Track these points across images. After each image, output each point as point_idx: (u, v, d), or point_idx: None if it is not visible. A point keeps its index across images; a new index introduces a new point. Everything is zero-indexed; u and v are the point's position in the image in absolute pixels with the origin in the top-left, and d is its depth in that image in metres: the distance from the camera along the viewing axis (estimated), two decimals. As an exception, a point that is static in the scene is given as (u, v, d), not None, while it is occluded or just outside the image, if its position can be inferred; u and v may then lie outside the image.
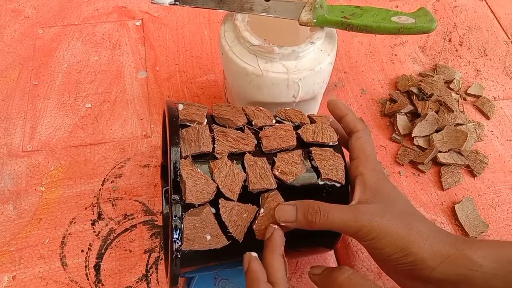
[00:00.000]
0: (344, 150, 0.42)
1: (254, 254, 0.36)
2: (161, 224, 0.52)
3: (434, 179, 0.57)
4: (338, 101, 0.43)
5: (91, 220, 0.52)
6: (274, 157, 0.39)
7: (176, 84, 0.65)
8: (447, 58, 0.70)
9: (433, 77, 0.65)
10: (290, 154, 0.39)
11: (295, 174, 0.38)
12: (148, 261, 0.50)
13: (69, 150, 0.58)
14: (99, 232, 0.51)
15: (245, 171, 0.37)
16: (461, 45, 0.73)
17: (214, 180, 0.36)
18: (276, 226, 0.36)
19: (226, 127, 0.40)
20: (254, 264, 0.35)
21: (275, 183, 0.38)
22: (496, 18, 0.77)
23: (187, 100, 0.64)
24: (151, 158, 0.57)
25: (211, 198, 0.36)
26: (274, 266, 0.34)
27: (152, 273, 0.49)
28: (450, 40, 0.73)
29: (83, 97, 0.63)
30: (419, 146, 0.59)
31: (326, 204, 0.36)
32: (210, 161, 0.37)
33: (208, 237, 0.35)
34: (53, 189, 0.54)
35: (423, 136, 0.59)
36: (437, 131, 0.59)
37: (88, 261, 0.50)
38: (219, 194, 0.36)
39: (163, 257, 0.50)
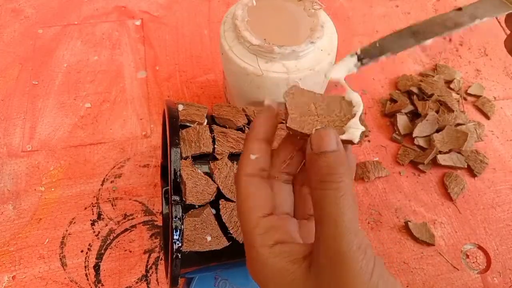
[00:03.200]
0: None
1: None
2: (161, 224, 0.51)
3: (434, 179, 0.57)
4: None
5: (90, 220, 0.52)
6: (274, 158, 0.38)
7: (176, 84, 0.65)
8: (448, 58, 0.70)
9: (434, 77, 0.65)
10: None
11: None
12: (148, 261, 0.50)
13: (68, 150, 0.58)
14: (99, 232, 0.51)
15: (245, 172, 0.37)
16: (461, 45, 0.72)
17: (214, 181, 0.36)
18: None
19: (226, 127, 0.40)
20: (260, 114, 0.29)
21: None
22: (496, 18, 0.77)
23: (187, 100, 0.64)
24: (151, 158, 0.57)
25: (211, 199, 0.36)
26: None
27: (152, 273, 0.49)
28: (450, 40, 0.73)
29: (82, 97, 0.63)
30: (419, 146, 0.59)
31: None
32: (210, 161, 0.37)
33: (209, 238, 0.35)
34: (53, 189, 0.54)
35: (423, 136, 0.59)
36: (437, 131, 0.59)
37: (88, 261, 0.49)
38: (219, 195, 0.36)
39: (163, 258, 0.50)
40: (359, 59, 0.31)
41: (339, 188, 0.23)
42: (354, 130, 0.26)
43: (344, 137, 0.26)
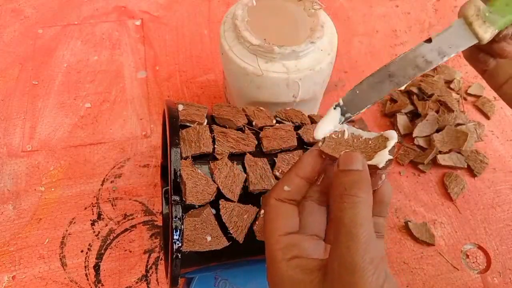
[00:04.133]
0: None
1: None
2: (161, 224, 0.51)
3: (434, 179, 0.57)
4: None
5: (90, 220, 0.52)
6: (274, 158, 0.39)
7: (176, 84, 0.65)
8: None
9: (434, 77, 0.65)
10: (290, 155, 0.39)
11: None
12: (148, 261, 0.50)
13: (68, 150, 0.58)
14: (99, 232, 0.51)
15: (245, 172, 0.37)
16: (461, 45, 0.72)
17: (214, 181, 0.36)
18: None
19: (226, 127, 0.40)
20: (306, 154, 0.30)
21: None
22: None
23: (187, 100, 0.64)
24: (151, 158, 0.57)
25: (211, 199, 0.36)
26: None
27: (152, 273, 0.49)
28: (450, 40, 0.73)
29: (82, 97, 0.63)
30: (419, 146, 0.59)
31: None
32: (210, 161, 0.37)
33: (209, 238, 0.35)
34: (53, 189, 0.54)
35: (423, 136, 0.59)
36: (437, 131, 0.59)
37: (88, 261, 0.49)
38: (219, 195, 0.36)
39: (163, 258, 0.50)
40: (342, 112, 0.33)
41: (358, 203, 0.25)
42: (382, 157, 0.28)
43: (370, 162, 0.28)
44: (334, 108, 0.33)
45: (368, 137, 0.31)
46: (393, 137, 0.30)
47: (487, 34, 0.33)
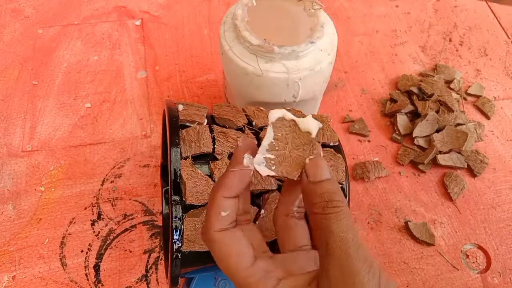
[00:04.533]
0: (343, 150, 0.42)
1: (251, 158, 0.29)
2: (161, 224, 0.51)
3: (434, 179, 0.57)
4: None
5: (90, 220, 0.52)
6: (274, 158, 0.38)
7: (176, 84, 0.65)
8: (448, 58, 0.70)
9: (434, 77, 0.65)
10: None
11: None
12: (148, 261, 0.50)
13: (68, 150, 0.58)
14: (99, 232, 0.51)
15: (245, 172, 0.37)
16: (461, 45, 0.72)
17: (214, 181, 0.36)
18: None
19: (226, 127, 0.40)
20: (233, 171, 0.28)
21: (276, 184, 0.37)
22: (496, 18, 0.77)
23: (187, 100, 0.64)
24: (151, 158, 0.57)
25: (211, 199, 0.36)
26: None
27: (152, 273, 0.49)
28: (450, 40, 0.73)
29: (82, 97, 0.63)
30: (419, 146, 0.59)
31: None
32: (210, 161, 0.37)
33: (208, 238, 0.35)
34: (53, 189, 0.54)
35: (423, 136, 0.59)
36: (437, 131, 0.59)
37: (88, 261, 0.49)
38: (219, 195, 0.36)
39: (163, 257, 0.50)
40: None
41: (341, 212, 0.25)
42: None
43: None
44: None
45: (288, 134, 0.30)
46: (313, 128, 0.29)
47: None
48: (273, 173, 0.28)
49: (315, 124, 0.29)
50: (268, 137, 0.29)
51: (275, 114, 0.30)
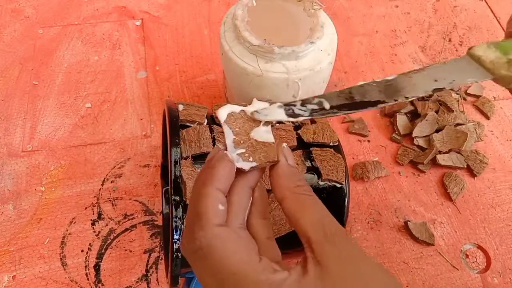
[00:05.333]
0: (344, 150, 0.42)
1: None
2: (161, 224, 0.52)
3: (434, 179, 0.57)
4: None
5: (91, 220, 0.52)
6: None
7: (176, 84, 0.65)
8: (447, 58, 0.70)
9: (433, 77, 0.65)
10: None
11: None
12: (148, 261, 0.50)
13: (69, 150, 0.58)
14: (99, 232, 0.51)
15: (245, 172, 0.37)
16: (461, 45, 0.73)
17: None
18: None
19: (226, 127, 0.40)
20: (217, 162, 0.27)
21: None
22: (496, 18, 0.77)
23: (187, 100, 0.64)
24: (151, 158, 0.57)
25: (211, 199, 0.36)
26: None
27: (152, 273, 0.49)
28: (450, 40, 0.73)
29: (83, 97, 0.63)
30: (419, 146, 0.59)
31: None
32: (210, 161, 0.37)
33: (209, 238, 0.35)
34: (53, 189, 0.54)
35: (423, 136, 0.59)
36: (437, 131, 0.59)
37: (88, 261, 0.50)
38: (219, 195, 0.36)
39: (163, 257, 0.50)
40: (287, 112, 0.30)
41: (310, 190, 0.27)
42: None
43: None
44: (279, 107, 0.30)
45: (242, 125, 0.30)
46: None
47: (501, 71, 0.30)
48: (254, 163, 0.27)
49: (262, 105, 0.29)
50: (228, 135, 0.29)
51: (222, 112, 0.30)
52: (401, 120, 0.61)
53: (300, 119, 0.30)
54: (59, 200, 0.54)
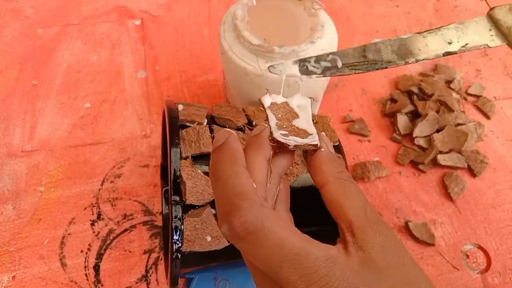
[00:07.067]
0: (344, 150, 0.42)
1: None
2: (161, 224, 0.51)
3: (434, 179, 0.57)
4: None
5: (90, 220, 0.52)
6: (274, 158, 0.38)
7: (176, 84, 0.65)
8: (448, 58, 0.70)
9: (434, 77, 0.65)
10: (290, 155, 0.39)
11: (296, 175, 0.38)
12: (147, 261, 0.50)
13: (68, 150, 0.58)
14: (99, 232, 0.51)
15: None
16: (461, 44, 0.72)
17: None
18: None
19: (226, 127, 0.40)
20: (235, 142, 0.27)
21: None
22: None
23: (187, 100, 0.64)
24: (151, 158, 0.57)
25: (211, 199, 0.36)
26: (255, 166, 0.26)
27: (151, 273, 0.49)
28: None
29: (82, 97, 0.63)
30: (419, 146, 0.59)
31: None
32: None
33: (209, 238, 0.35)
34: (53, 189, 0.54)
35: (423, 136, 0.59)
36: (437, 131, 0.59)
37: (88, 261, 0.49)
38: (219, 195, 0.36)
39: (162, 258, 0.50)
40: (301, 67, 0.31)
41: (351, 177, 0.27)
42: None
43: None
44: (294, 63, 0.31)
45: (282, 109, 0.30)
46: (306, 103, 0.30)
47: None
48: (302, 142, 0.27)
49: (306, 100, 0.30)
50: (271, 119, 0.28)
51: (266, 100, 0.30)
52: (402, 120, 0.61)
53: (313, 76, 0.30)
54: (58, 200, 0.53)
